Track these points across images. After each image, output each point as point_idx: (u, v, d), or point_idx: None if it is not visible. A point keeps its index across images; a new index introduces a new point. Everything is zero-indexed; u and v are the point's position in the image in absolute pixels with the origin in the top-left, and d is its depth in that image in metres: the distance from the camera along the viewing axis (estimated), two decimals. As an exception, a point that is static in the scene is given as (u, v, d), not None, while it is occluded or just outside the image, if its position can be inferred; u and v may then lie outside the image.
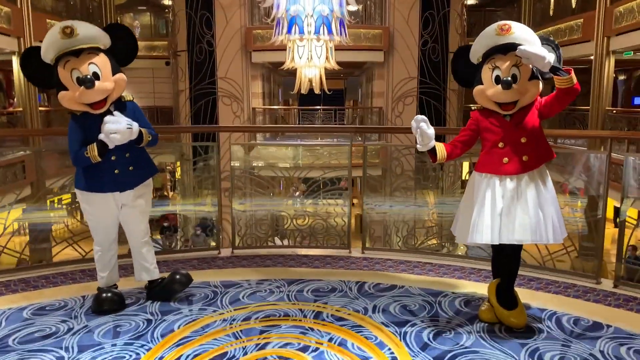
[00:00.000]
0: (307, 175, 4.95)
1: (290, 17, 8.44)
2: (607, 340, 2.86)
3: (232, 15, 14.52)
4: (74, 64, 2.94)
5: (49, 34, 2.97)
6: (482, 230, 2.88)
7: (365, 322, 3.09)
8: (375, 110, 15.72)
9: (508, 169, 2.89)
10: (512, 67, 2.82)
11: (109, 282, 3.34)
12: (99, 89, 2.95)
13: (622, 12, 10.82)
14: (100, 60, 2.99)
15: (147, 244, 3.37)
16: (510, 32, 2.81)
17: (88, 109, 3.02)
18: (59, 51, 2.95)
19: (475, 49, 2.97)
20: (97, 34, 3.03)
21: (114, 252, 3.35)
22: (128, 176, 3.16)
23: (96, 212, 3.22)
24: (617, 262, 3.71)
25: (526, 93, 2.84)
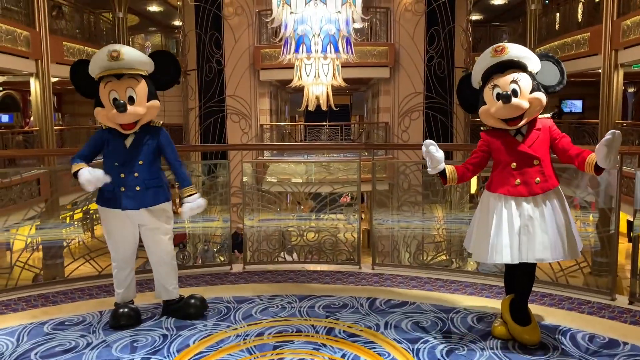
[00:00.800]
0: (317, 190, 4.98)
1: (297, 37, 8.55)
2: (624, 358, 2.85)
3: (241, 35, 14.72)
4: (113, 86, 3.11)
5: (98, 53, 3.16)
6: (502, 250, 2.89)
7: (378, 339, 3.09)
8: (381, 125, 15.78)
9: (521, 190, 2.91)
10: (510, 82, 2.87)
11: (125, 299, 3.38)
12: (130, 113, 3.10)
13: (630, 25, 10.86)
14: (138, 85, 3.14)
15: (167, 266, 3.40)
16: (505, 52, 2.90)
17: (119, 128, 3.18)
18: (102, 70, 3.12)
19: (474, 74, 3.04)
20: (141, 60, 3.19)
21: (130, 269, 3.40)
22: (134, 196, 3.21)
23: (110, 227, 3.31)
24: (632, 277, 3.69)
25: (530, 105, 2.87)
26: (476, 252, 3.10)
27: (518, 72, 2.89)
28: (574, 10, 13.74)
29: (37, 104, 11.38)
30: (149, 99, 3.18)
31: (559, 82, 2.99)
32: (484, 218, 3.04)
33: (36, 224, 4.26)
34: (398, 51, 14.89)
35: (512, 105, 2.83)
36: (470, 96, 3.11)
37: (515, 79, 2.87)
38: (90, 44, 13.47)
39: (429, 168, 2.98)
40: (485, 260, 3.06)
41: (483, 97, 2.98)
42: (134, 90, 3.12)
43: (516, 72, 2.89)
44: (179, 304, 3.43)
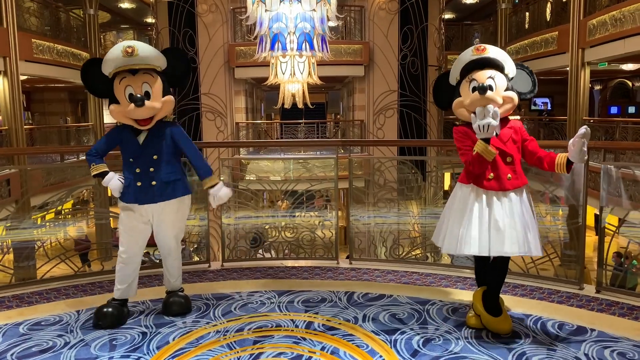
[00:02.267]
0: (295, 188, 5.01)
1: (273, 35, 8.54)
2: (592, 344, 2.96)
3: (215, 33, 14.63)
4: (129, 81, 3.12)
5: (112, 50, 3.16)
6: (471, 242, 2.97)
7: (356, 331, 3.16)
8: (357, 123, 15.88)
9: (493, 185, 3.00)
10: (487, 77, 2.97)
11: (124, 295, 3.37)
12: (147, 108, 3.13)
13: (596, 25, 11.16)
14: (153, 81, 3.16)
15: (171, 258, 3.48)
16: (486, 51, 3.03)
17: (135, 124, 3.19)
18: (117, 67, 3.12)
19: (453, 69, 3.14)
20: (155, 55, 3.21)
21: (135, 266, 3.39)
22: (149, 191, 3.25)
23: (124, 219, 3.33)
24: (599, 268, 3.83)
25: (503, 102, 2.97)
26: (446, 243, 3.13)
27: (495, 70, 3.01)
28: (542, 10, 14.05)
29: (5, 102, 11.11)
30: (164, 94, 3.20)
31: (530, 90, 3.16)
32: (454, 210, 3.12)
33: (6, 225, 4.20)
34: (372, 49, 15.00)
35: (486, 97, 2.92)
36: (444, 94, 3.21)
37: (492, 76, 2.98)
38: (61, 41, 13.21)
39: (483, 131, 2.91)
40: (454, 252, 3.12)
41: (459, 92, 3.07)
42: (149, 85, 3.15)
43: (493, 70, 3.00)
44: (167, 298, 3.47)
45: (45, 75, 13.10)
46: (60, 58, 12.94)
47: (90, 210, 7.96)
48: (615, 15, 10.46)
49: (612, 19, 10.57)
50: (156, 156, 3.25)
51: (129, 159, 3.27)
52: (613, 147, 8.80)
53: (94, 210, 5.55)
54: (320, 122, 17.29)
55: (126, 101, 3.13)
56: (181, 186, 3.36)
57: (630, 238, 4.18)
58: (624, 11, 10.19)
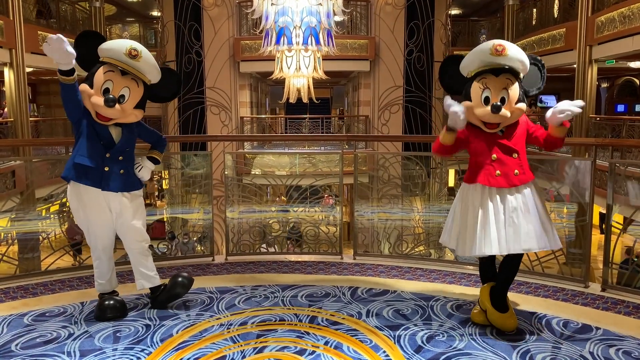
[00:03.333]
0: (300, 182, 5.01)
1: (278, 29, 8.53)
2: (597, 342, 2.95)
3: (221, 26, 14.60)
4: (113, 78, 3.07)
5: (118, 42, 3.12)
6: (490, 242, 2.94)
7: (360, 326, 3.15)
8: (361, 118, 15.86)
9: (500, 181, 2.97)
10: (502, 90, 2.92)
11: (106, 289, 3.36)
12: (115, 111, 3.07)
13: (604, 22, 11.07)
14: (135, 89, 3.12)
15: (144, 252, 3.37)
16: (505, 53, 2.89)
17: (93, 114, 3.11)
18: (112, 59, 3.07)
19: (467, 63, 3.03)
20: (152, 70, 3.17)
21: (109, 259, 3.37)
22: (116, 178, 3.19)
23: (85, 210, 3.19)
24: (605, 266, 3.81)
25: (512, 114, 2.95)
26: (460, 246, 3.11)
27: (511, 78, 2.94)
28: (550, 6, 13.95)
29: (11, 94, 11.13)
30: (137, 106, 3.17)
31: (537, 87, 3.11)
32: (465, 211, 3.08)
33: (11, 216, 4.21)
34: (378, 44, 14.95)
35: (499, 115, 2.90)
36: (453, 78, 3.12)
37: (507, 87, 2.92)
38: (66, 34, 13.19)
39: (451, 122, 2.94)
40: (471, 254, 3.08)
41: (469, 90, 3.00)
42: (129, 91, 3.10)
43: (509, 80, 2.93)
44: (166, 289, 3.42)
45: (51, 67, 13.05)
46: (66, 50, 12.91)
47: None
48: (624, 12, 10.37)
49: (621, 16, 10.49)
50: (128, 148, 3.24)
51: (99, 141, 3.12)
52: (620, 145, 8.74)
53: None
54: (324, 117, 17.27)
55: (99, 91, 3.06)
56: (139, 180, 3.36)
57: (637, 237, 4.17)
58: (633, 8, 10.10)
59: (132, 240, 3.33)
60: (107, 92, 3.05)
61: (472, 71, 3.00)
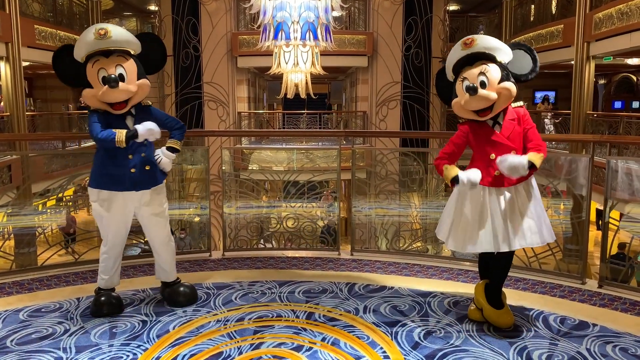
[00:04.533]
0: (297, 178, 4.99)
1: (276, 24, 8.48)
2: (594, 339, 2.95)
3: (218, 21, 14.54)
4: (102, 64, 3.04)
5: (84, 34, 3.08)
6: (483, 240, 2.95)
7: (357, 322, 3.15)
8: (359, 114, 15.83)
9: (500, 180, 2.96)
10: (479, 74, 2.91)
11: (108, 285, 3.35)
12: (122, 90, 3.04)
13: (602, 18, 11.06)
14: (127, 63, 3.09)
15: (167, 247, 3.42)
16: (474, 44, 2.93)
17: (109, 109, 3.10)
18: (90, 50, 3.05)
19: (447, 66, 3.08)
20: (128, 38, 3.14)
21: (118, 256, 3.37)
22: (145, 176, 3.22)
23: (109, 212, 3.23)
24: (602, 262, 3.81)
25: (499, 95, 2.90)
26: (454, 241, 3.11)
27: (487, 63, 2.93)
28: (548, 3, 13.94)
29: (7, 88, 11.07)
30: (139, 78, 3.13)
31: (531, 69, 3.03)
32: (460, 207, 3.08)
33: (7, 211, 4.19)
34: (376, 40, 14.91)
35: (479, 96, 2.87)
36: (446, 88, 3.15)
37: (484, 71, 2.91)
38: (63, 28, 13.14)
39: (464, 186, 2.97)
40: (462, 250, 3.10)
41: (455, 91, 3.03)
42: (123, 67, 3.06)
43: (484, 64, 2.92)
44: (171, 289, 3.44)
45: (48, 61, 13.01)
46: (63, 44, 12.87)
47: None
48: (622, 8, 10.36)
49: (618, 12, 10.47)
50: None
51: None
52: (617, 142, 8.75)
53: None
54: (322, 113, 17.25)
55: (100, 84, 3.04)
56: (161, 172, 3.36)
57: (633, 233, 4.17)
58: (631, 5, 10.09)
59: (152, 233, 3.39)
60: (105, 78, 3.02)
61: (451, 71, 3.04)
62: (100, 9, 14.47)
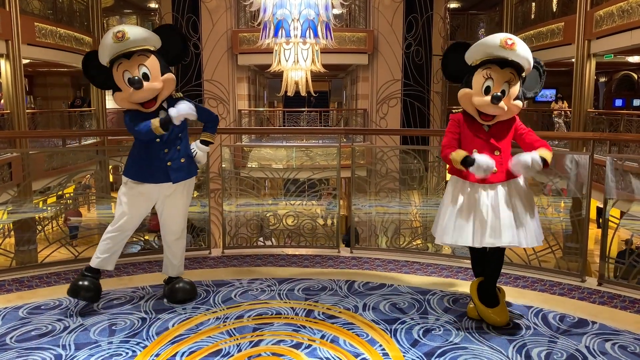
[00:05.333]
0: (296, 176, 4.99)
1: (276, 21, 8.48)
2: (593, 336, 2.95)
3: (219, 19, 14.53)
4: (125, 66, 3.09)
5: (104, 38, 3.13)
6: (468, 233, 2.96)
7: (356, 320, 3.15)
8: (360, 112, 15.82)
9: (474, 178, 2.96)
10: (504, 82, 2.90)
11: (101, 265, 3.31)
12: (147, 89, 3.08)
13: (603, 16, 11.05)
14: (149, 61, 3.12)
15: (179, 242, 3.46)
16: (514, 47, 2.88)
17: (140, 108, 3.15)
18: (112, 54, 3.09)
19: (474, 52, 3.00)
20: (146, 36, 3.16)
21: (123, 240, 3.38)
22: (180, 168, 3.27)
23: (132, 200, 3.27)
24: (601, 260, 3.81)
25: (508, 110, 2.93)
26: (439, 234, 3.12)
27: (514, 74, 2.92)
28: (549, 0, 13.91)
29: (7, 86, 11.07)
30: (163, 73, 3.16)
31: (534, 91, 3.10)
32: (448, 200, 3.10)
33: (8, 209, 4.19)
34: (377, 38, 14.89)
35: (497, 106, 2.88)
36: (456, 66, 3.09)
37: (509, 80, 2.90)
38: (63, 25, 13.13)
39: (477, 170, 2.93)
40: (447, 242, 3.10)
41: (471, 79, 2.98)
42: (146, 66, 3.10)
43: (513, 74, 2.91)
44: (173, 283, 3.45)
45: (48, 59, 13.04)
46: (62, 42, 12.87)
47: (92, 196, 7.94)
48: (623, 6, 10.35)
49: (619, 10, 10.46)
50: (180, 134, 3.27)
51: (155, 140, 3.17)
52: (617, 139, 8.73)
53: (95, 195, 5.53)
54: (323, 111, 17.24)
55: (127, 87, 3.10)
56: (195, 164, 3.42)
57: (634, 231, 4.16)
58: (631, 2, 10.08)
59: (169, 228, 3.43)
60: (130, 79, 3.07)
61: (478, 60, 2.98)
62: (100, 6, 14.46)
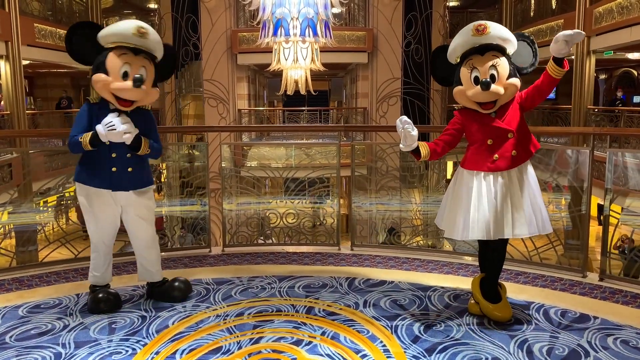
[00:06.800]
0: (296, 175, 4.98)
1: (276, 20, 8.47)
2: (595, 331, 2.94)
3: (218, 18, 14.53)
4: (129, 59, 3.03)
5: (122, 24, 3.07)
6: (479, 226, 2.92)
7: (357, 317, 3.13)
8: (359, 110, 15.82)
9: (500, 164, 2.95)
10: (490, 67, 2.87)
11: (100, 282, 3.33)
12: (140, 91, 3.04)
13: (602, 13, 11.04)
14: (149, 68, 3.11)
15: (151, 249, 3.38)
16: (487, 31, 2.86)
17: (114, 102, 3.06)
18: (122, 42, 3.02)
19: (452, 49, 3.00)
20: (159, 47, 3.16)
21: (108, 252, 3.34)
22: (125, 177, 3.16)
23: (93, 208, 3.19)
24: (603, 255, 3.79)
25: (505, 91, 2.89)
26: (449, 228, 3.09)
27: (498, 55, 2.89)
28: (548, -3, 13.92)
29: (7, 87, 11.08)
30: (153, 85, 3.16)
31: (531, 63, 3.00)
32: (457, 194, 3.06)
33: (8, 210, 4.19)
34: (376, 36, 14.89)
35: (490, 91, 2.86)
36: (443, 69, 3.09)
37: (495, 64, 2.87)
38: (63, 26, 13.14)
39: (402, 145, 2.96)
40: (458, 237, 3.06)
41: (459, 76, 2.98)
42: (146, 70, 3.08)
43: (496, 56, 2.88)
44: (164, 287, 3.40)
45: (48, 60, 13.05)
46: (62, 43, 12.85)
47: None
48: (622, 3, 10.34)
49: (619, 6, 10.45)
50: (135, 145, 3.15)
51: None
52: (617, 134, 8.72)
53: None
54: (323, 110, 17.25)
55: (118, 76, 3.01)
56: (149, 175, 3.33)
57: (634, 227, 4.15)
58: (631, -1, 10.07)
59: (135, 235, 3.33)
60: (126, 76, 3.01)
61: (458, 56, 2.97)
62: (100, 7, 14.46)
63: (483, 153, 2.98)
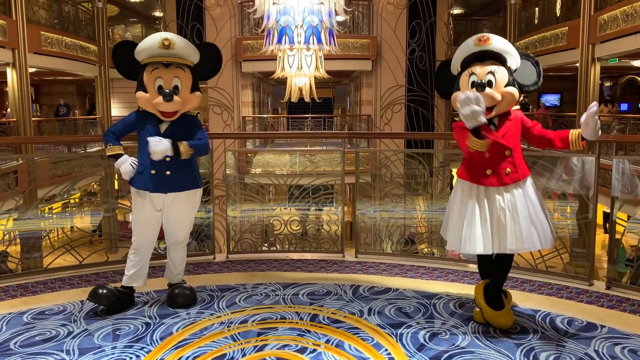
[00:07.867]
0: (299, 182, 4.98)
1: (280, 28, 8.50)
2: (602, 340, 2.91)
3: (223, 26, 14.59)
4: (160, 73, 3.14)
5: (149, 39, 3.17)
6: (475, 242, 2.93)
7: (361, 324, 3.12)
8: (363, 117, 15.83)
9: (492, 181, 2.94)
10: (487, 73, 2.91)
11: (129, 283, 3.36)
12: (175, 102, 3.14)
13: (607, 20, 11.03)
14: (184, 76, 3.18)
15: (178, 251, 3.48)
16: (489, 42, 2.92)
17: (158, 114, 3.21)
18: (151, 57, 3.14)
19: (455, 59, 3.06)
20: (190, 52, 3.22)
21: (145, 254, 3.39)
22: (164, 180, 3.24)
23: (135, 207, 3.34)
24: (609, 263, 3.77)
25: (502, 98, 2.90)
26: (451, 240, 3.11)
27: (497, 64, 2.93)
28: (552, 5, 13.91)
29: (14, 94, 11.16)
30: (192, 90, 3.22)
31: (534, 82, 3.06)
32: (457, 206, 3.07)
33: (13, 216, 4.20)
34: (380, 44, 14.92)
35: (485, 94, 2.86)
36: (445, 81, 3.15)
37: (493, 71, 2.91)
38: (69, 34, 13.24)
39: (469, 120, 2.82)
40: (458, 250, 3.10)
41: (458, 83, 3.01)
42: (180, 80, 3.16)
43: (495, 65, 2.93)
44: (173, 288, 3.45)
45: (54, 67, 13.14)
46: (68, 51, 12.97)
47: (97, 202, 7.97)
48: (627, 10, 10.33)
49: (623, 14, 10.44)
50: None
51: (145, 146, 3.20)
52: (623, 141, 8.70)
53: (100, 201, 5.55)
54: (327, 117, 17.28)
55: (155, 92, 3.15)
56: (193, 179, 3.38)
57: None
58: (635, 6, 10.06)
59: (168, 235, 3.45)
60: (161, 89, 3.12)
61: (459, 64, 3.02)
62: (105, 15, 14.57)
63: (478, 166, 2.98)
